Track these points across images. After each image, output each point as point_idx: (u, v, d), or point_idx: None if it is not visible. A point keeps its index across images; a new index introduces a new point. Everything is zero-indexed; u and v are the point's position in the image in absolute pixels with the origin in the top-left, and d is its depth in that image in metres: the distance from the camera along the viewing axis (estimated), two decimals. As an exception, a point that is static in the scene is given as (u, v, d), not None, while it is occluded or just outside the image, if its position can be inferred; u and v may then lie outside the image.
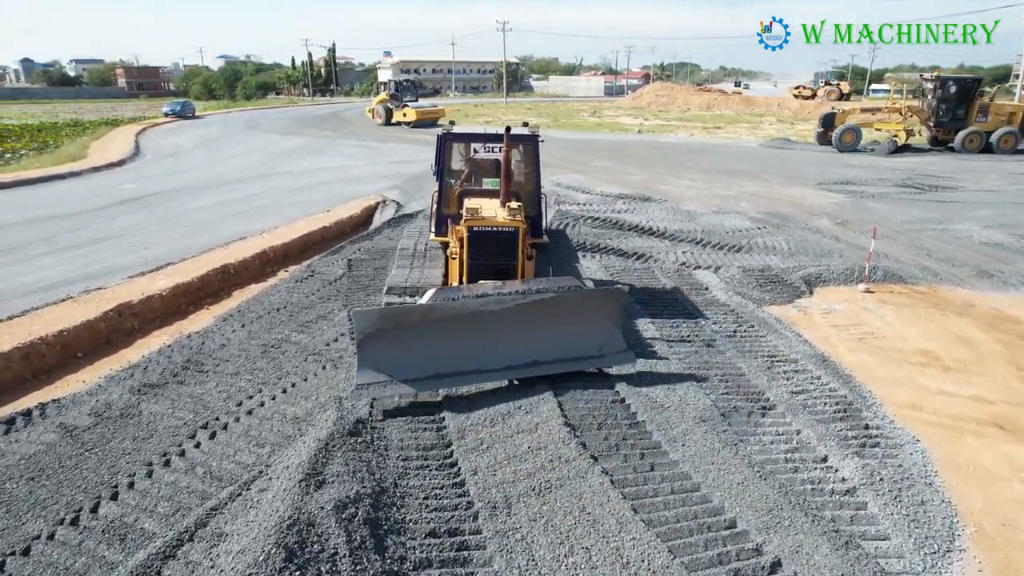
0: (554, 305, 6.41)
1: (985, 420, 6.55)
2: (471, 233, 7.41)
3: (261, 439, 5.62)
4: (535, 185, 9.40)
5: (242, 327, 8.15)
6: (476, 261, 7.48)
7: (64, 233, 13.03)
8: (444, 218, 9.02)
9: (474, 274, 7.49)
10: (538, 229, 9.03)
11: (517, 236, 7.52)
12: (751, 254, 12.19)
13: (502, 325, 6.19)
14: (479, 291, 6.47)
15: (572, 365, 6.44)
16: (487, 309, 6.14)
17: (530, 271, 7.95)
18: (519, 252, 7.56)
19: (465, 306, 6.23)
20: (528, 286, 6.64)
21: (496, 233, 7.44)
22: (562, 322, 6.43)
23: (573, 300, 6.60)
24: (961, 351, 8.25)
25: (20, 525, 4.48)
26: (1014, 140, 27.69)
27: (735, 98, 68.30)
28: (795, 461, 5.56)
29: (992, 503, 5.23)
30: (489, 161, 9.39)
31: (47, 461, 5.23)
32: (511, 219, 7.49)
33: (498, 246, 7.48)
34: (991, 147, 27.62)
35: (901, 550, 4.59)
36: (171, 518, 4.58)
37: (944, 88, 28.04)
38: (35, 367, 6.84)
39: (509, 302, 6.18)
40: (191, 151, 29.75)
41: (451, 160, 9.65)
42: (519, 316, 6.20)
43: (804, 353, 7.85)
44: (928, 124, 29.13)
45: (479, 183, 9.20)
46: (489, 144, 9.17)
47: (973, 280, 11.02)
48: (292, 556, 3.80)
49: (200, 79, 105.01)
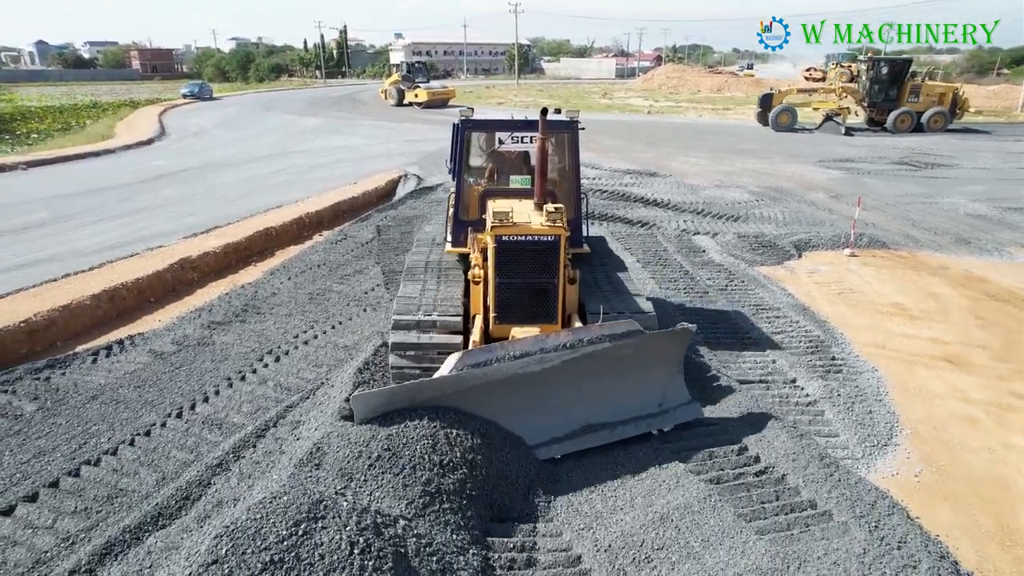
0: (609, 357, 5.23)
1: (938, 356, 7.55)
2: (499, 243, 5.74)
3: (318, 361, 6.72)
4: (574, 183, 7.46)
5: (288, 279, 9.25)
6: (505, 279, 5.84)
7: (111, 204, 14.17)
8: (463, 225, 7.18)
9: (503, 297, 5.90)
10: (578, 236, 7.22)
11: (557, 247, 5.79)
12: (748, 223, 13.14)
13: (546, 388, 5.11)
14: (516, 349, 5.04)
15: (631, 429, 5.37)
16: (527, 371, 4.99)
17: (573, 299, 6.35)
18: (560, 267, 5.87)
19: (499, 371, 4.91)
20: (577, 336, 5.20)
21: (531, 243, 5.76)
22: (617, 377, 5.35)
23: (631, 348, 5.30)
24: (929, 304, 9.22)
25: (138, 417, 5.62)
26: (943, 120, 28.43)
27: (746, 80, 68.42)
28: (768, 382, 6.62)
29: (930, 415, 6.25)
30: (516, 154, 7.82)
31: (146, 375, 6.36)
32: (550, 225, 5.75)
33: (534, 260, 5.80)
34: (922, 127, 28.31)
35: (847, 443, 5.65)
36: (254, 414, 5.70)
37: (877, 69, 28.62)
38: (118, 308, 7.97)
39: (554, 359, 5.04)
40: (213, 131, 30.84)
41: (471, 153, 7.62)
42: (565, 375, 5.11)
43: (786, 303, 8.86)
44: (863, 104, 29.70)
45: (505, 181, 7.46)
46: (518, 133, 7.16)
47: (951, 246, 11.94)
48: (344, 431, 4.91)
49: (213, 61, 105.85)
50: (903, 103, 28.61)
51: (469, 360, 4.94)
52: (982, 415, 6.29)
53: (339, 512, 3.70)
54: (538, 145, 5.97)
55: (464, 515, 4.24)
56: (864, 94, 29.37)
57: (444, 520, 4.11)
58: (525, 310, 5.91)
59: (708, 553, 4.11)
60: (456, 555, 3.88)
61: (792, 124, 29.39)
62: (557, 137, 7.37)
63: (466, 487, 4.41)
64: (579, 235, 7.37)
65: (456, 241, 7.31)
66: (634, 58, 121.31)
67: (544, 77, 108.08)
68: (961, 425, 6.10)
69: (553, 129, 6.93)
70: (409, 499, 4.13)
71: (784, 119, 29.36)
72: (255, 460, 4.87)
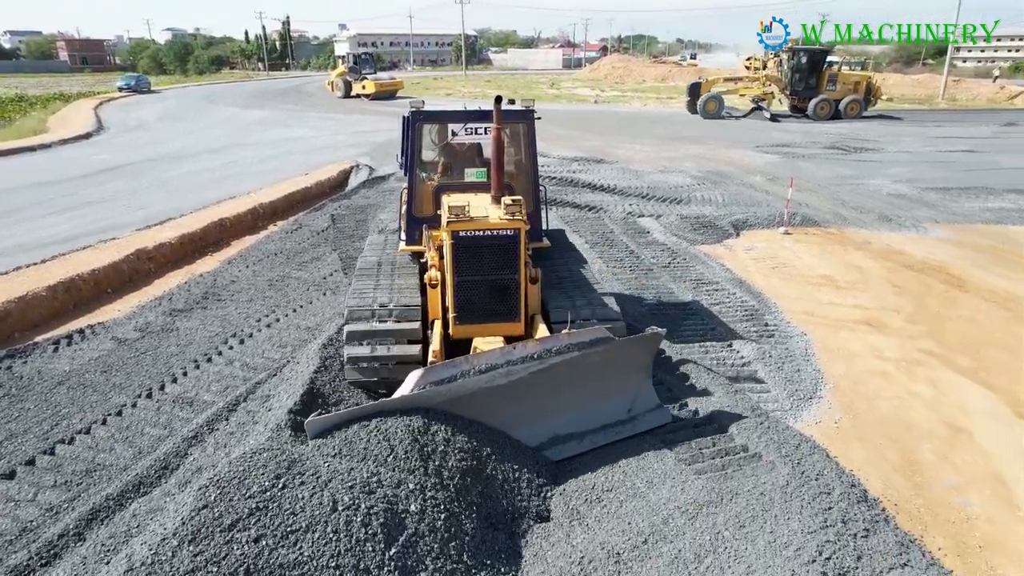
0: (577, 366, 5.04)
1: (859, 320, 8.27)
2: (456, 239, 5.50)
3: (283, 342, 6.96)
4: (532, 174, 7.22)
5: (247, 267, 9.39)
6: (464, 277, 5.59)
7: (58, 198, 13.88)
8: (417, 222, 6.91)
9: (462, 296, 5.64)
10: (537, 230, 7.01)
11: (517, 241, 5.60)
12: (690, 205, 13.81)
13: (511, 401, 4.90)
14: (481, 363, 4.80)
15: (600, 438, 5.23)
16: (492, 385, 4.75)
17: (536, 300, 6.10)
18: (521, 262, 5.67)
19: (464, 387, 4.66)
20: (544, 346, 4.99)
21: (490, 238, 5.54)
22: (586, 385, 5.18)
23: (599, 355, 5.12)
24: (853, 275, 9.99)
25: (107, 399, 5.78)
26: (859, 107, 30.24)
27: (689, 69, 70.07)
28: (707, 346, 7.18)
29: (850, 371, 6.92)
30: (470, 147, 7.57)
31: (112, 360, 6.49)
32: (509, 219, 5.55)
33: (493, 256, 5.59)
34: (840, 114, 29.97)
35: (776, 397, 6.24)
36: (224, 392, 5.92)
37: (796, 59, 30.13)
38: (75, 299, 7.99)
39: (521, 371, 4.82)
40: (155, 124, 30.05)
41: (422, 147, 7.39)
42: (532, 387, 4.91)
43: (725, 278, 9.49)
44: (785, 92, 31.18)
45: (459, 175, 7.24)
46: (471, 124, 6.94)
47: (875, 223, 12.85)
48: (314, 399, 5.23)
49: (148, 53, 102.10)
50: (822, 91, 30.08)
51: (431, 377, 4.64)
52: (893, 369, 6.99)
53: (317, 471, 4.01)
54: (493, 135, 5.77)
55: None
56: (786, 83, 30.71)
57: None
58: (486, 309, 5.68)
59: (652, 491, 4.59)
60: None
61: (719, 111, 30.59)
62: (512, 127, 7.23)
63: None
64: (539, 229, 7.13)
65: (411, 239, 7.04)
66: (580, 48, 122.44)
67: (492, 68, 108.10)
68: (876, 378, 6.78)
69: (508, 119, 6.68)
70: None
71: (711, 107, 30.53)
72: (229, 432, 5.12)
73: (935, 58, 73.48)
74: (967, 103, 42.82)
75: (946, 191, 15.47)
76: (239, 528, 3.26)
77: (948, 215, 13.44)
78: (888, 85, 48.76)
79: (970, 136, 25.66)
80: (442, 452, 4.34)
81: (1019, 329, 7.99)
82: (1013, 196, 14.85)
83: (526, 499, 4.56)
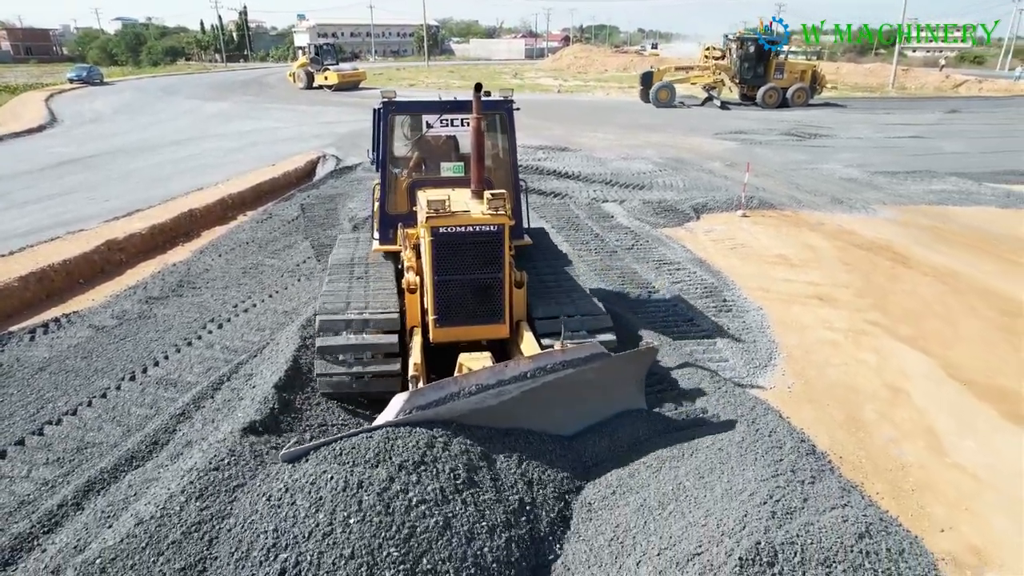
0: (570, 383, 4.82)
1: (811, 295, 8.79)
2: (436, 236, 5.19)
3: (261, 326, 7.13)
4: (511, 168, 6.96)
5: (219, 256, 9.47)
6: (445, 277, 5.28)
7: (16, 191, 13.63)
8: (391, 220, 6.66)
9: (443, 297, 5.32)
10: (519, 227, 6.78)
11: (501, 238, 5.32)
12: (652, 191, 14.26)
13: (499, 420, 4.63)
14: (471, 385, 4.50)
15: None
16: (482, 407, 4.50)
17: (521, 305, 5.80)
18: (505, 260, 5.38)
19: (452, 411, 4.40)
20: (537, 364, 4.70)
21: (472, 235, 5.24)
22: (577, 401, 4.98)
23: (594, 372, 4.91)
24: (806, 254, 10.53)
25: (91, 383, 5.90)
26: (805, 95, 31.38)
27: (650, 59, 70.90)
28: (670, 322, 7.58)
29: (802, 342, 7.40)
30: (445, 140, 7.32)
31: (92, 347, 6.59)
32: (492, 214, 5.26)
33: (475, 253, 5.29)
34: (787, 102, 31.03)
35: (734, 366, 6.67)
36: (206, 373, 6.10)
37: (744, 48, 31.06)
38: (47, 289, 8.01)
39: (513, 391, 4.56)
40: (113, 117, 29.37)
41: (395, 140, 7.02)
42: (522, 404, 4.66)
43: (685, 258, 9.93)
44: (735, 81, 32.14)
45: (434, 170, 6.95)
46: (447, 115, 6.58)
47: (828, 206, 13.47)
48: (298, 374, 5.45)
49: (98, 43, 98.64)
50: (770, 79, 31.05)
51: (418, 401, 4.32)
52: (842, 339, 7.50)
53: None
54: (473, 126, 5.45)
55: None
56: (735, 71, 31.51)
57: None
58: (468, 310, 5.38)
59: (619, 450, 4.95)
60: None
61: (671, 100, 31.26)
62: (489, 119, 6.78)
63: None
64: (520, 226, 6.90)
65: (384, 238, 6.72)
66: (543, 39, 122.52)
67: (454, 58, 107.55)
68: (825, 347, 7.28)
69: (485, 110, 6.18)
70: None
71: (664, 95, 31.18)
72: (215, 408, 5.31)
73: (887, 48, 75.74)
74: (915, 91, 44.41)
75: (893, 175, 16.25)
76: (244, 490, 3.50)
77: (895, 197, 14.15)
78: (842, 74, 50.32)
79: (917, 123, 26.77)
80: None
81: (955, 301, 8.60)
82: (954, 179, 15.68)
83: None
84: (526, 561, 3.83)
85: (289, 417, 4.85)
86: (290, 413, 4.89)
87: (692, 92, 33.59)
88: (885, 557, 3.97)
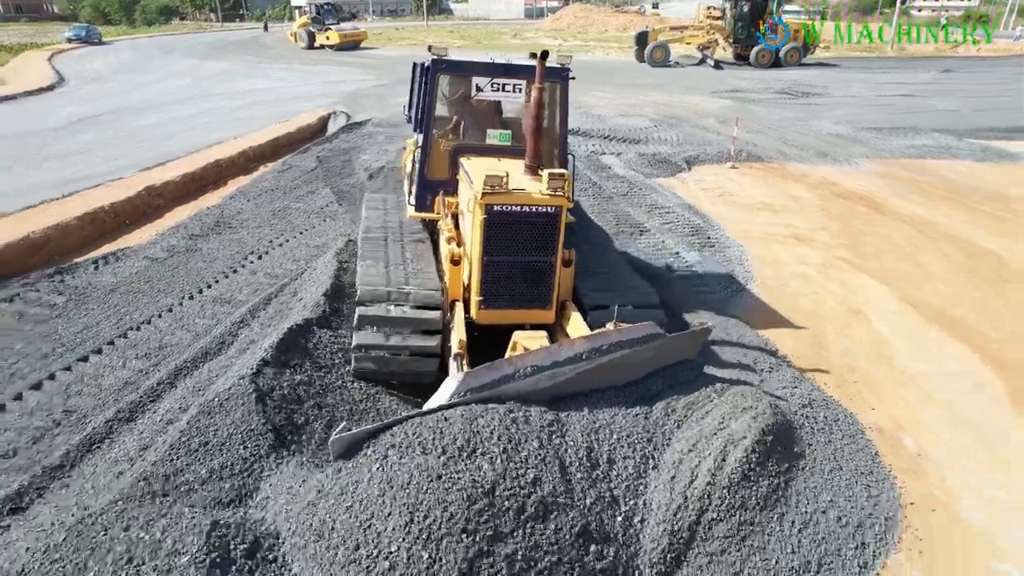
0: (623, 364, 4.69)
1: (789, 236, 9.69)
2: (491, 215, 4.94)
3: (296, 257, 8.04)
4: (561, 144, 6.60)
5: (248, 201, 10.32)
6: (495, 257, 5.08)
7: (32, 148, 14.19)
8: (431, 186, 6.35)
9: (491, 278, 5.14)
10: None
11: (557, 220, 5.10)
12: (647, 145, 15.03)
13: (549, 401, 4.48)
14: (526, 366, 4.36)
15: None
16: (536, 389, 4.40)
17: (568, 284, 5.60)
18: (558, 243, 5.18)
19: (507, 393, 4.28)
20: (592, 345, 4.54)
21: (528, 215, 4.99)
22: (628, 383, 4.82)
23: (647, 352, 4.79)
24: (789, 202, 11.40)
25: (156, 301, 6.84)
26: (798, 55, 31.79)
27: (651, 20, 70.39)
28: (658, 254, 8.51)
29: (777, 275, 8.33)
30: (487, 104, 6.79)
31: (150, 274, 7.50)
32: (551, 195, 4.97)
33: (530, 235, 5.06)
34: (780, 61, 31.41)
35: (715, 291, 7.63)
36: (255, 293, 7.02)
37: (738, 7, 31.31)
38: (100, 229, 8.87)
39: (568, 372, 4.46)
40: (114, 76, 29.73)
41: (437, 102, 6.50)
42: (574, 385, 4.55)
43: (675, 203, 10.80)
44: (729, 41, 32.44)
45: (477, 136, 6.48)
46: (500, 80, 6.09)
47: (813, 159, 14.28)
48: (339, 290, 6.38)
49: (91, 2, 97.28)
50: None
51: (472, 383, 4.19)
52: (813, 272, 8.42)
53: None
54: (535, 97, 5.01)
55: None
56: (729, 31, 31.82)
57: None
58: (515, 293, 5.20)
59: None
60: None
61: (666, 60, 31.64)
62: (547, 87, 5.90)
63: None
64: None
65: (421, 205, 6.43)
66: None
67: (453, 18, 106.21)
68: (798, 280, 8.21)
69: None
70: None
71: (658, 55, 31.56)
72: (269, 316, 6.26)
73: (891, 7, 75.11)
74: (915, 51, 44.54)
75: (879, 131, 17.00)
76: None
77: (877, 151, 14.95)
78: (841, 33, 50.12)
79: (911, 82, 27.28)
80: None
81: (923, 243, 9.49)
82: (936, 135, 16.44)
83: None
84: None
85: (338, 319, 5.78)
86: (338, 317, 5.82)
87: (688, 52, 33.92)
88: (822, 421, 4.96)
